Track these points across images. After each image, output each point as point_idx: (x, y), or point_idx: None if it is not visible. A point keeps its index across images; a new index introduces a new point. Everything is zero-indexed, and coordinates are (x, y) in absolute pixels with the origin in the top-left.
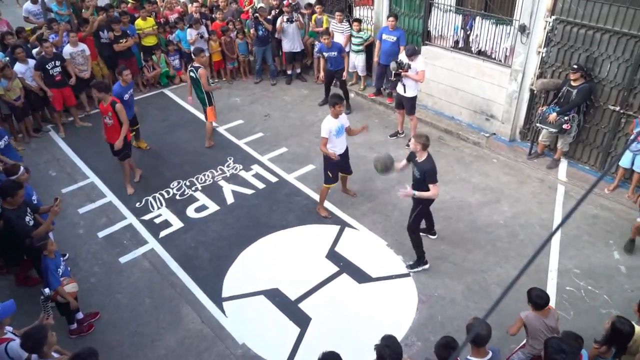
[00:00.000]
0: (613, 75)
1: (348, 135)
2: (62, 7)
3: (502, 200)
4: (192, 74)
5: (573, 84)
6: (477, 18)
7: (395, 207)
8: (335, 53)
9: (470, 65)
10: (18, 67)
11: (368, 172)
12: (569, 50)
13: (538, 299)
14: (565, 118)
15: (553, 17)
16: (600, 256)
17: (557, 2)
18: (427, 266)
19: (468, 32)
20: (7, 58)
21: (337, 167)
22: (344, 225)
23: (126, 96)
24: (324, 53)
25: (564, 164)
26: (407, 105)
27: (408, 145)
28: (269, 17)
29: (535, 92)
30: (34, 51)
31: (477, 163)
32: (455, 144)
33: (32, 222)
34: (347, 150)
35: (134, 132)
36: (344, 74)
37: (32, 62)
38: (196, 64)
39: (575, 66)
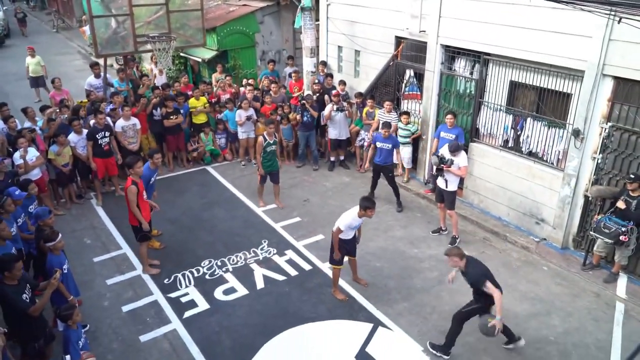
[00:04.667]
0: None
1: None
2: (122, 83)
3: (553, 313)
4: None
5: (632, 194)
6: (529, 119)
7: (434, 309)
8: (390, 145)
9: (520, 165)
10: (72, 137)
11: (406, 269)
12: (627, 159)
13: None
14: (623, 229)
15: (609, 124)
16: None
17: (612, 109)
18: (447, 357)
19: (518, 132)
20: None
21: (345, 250)
22: (377, 323)
23: (152, 179)
24: (378, 143)
25: (623, 279)
26: (447, 199)
27: (451, 244)
28: (314, 104)
29: (590, 198)
30: (91, 122)
31: (525, 269)
32: (501, 246)
33: (28, 299)
34: (354, 236)
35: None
36: (399, 169)
37: (85, 132)
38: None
39: (632, 176)
